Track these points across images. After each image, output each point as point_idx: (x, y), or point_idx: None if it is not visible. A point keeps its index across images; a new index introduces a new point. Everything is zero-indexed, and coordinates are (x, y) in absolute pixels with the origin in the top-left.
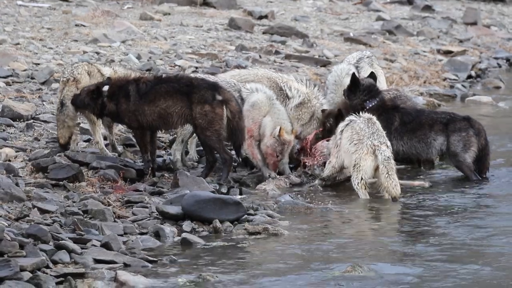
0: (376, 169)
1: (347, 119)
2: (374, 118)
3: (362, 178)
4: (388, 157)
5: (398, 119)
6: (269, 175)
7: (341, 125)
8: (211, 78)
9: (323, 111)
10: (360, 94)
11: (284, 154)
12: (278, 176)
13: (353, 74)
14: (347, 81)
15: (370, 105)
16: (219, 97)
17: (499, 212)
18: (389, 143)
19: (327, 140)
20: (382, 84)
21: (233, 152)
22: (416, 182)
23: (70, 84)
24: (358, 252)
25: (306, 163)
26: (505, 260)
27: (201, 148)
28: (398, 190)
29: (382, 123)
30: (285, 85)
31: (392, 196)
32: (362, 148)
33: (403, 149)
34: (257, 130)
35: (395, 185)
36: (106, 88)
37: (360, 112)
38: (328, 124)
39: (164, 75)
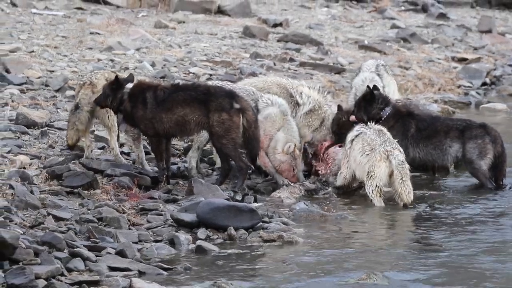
0: (391, 175)
1: (356, 129)
2: (385, 129)
3: (377, 185)
4: (402, 161)
5: (414, 125)
6: (282, 182)
7: (351, 135)
8: (228, 85)
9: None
10: (376, 104)
11: (299, 167)
12: (292, 184)
13: (368, 86)
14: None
15: (387, 114)
16: (236, 105)
17: None
18: (401, 149)
19: (340, 146)
20: (394, 93)
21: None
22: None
23: (86, 87)
24: (372, 260)
25: (319, 171)
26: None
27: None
28: (411, 197)
29: (398, 130)
30: (295, 91)
31: (404, 202)
32: (375, 155)
33: (419, 156)
34: (267, 142)
35: (408, 192)
36: (129, 85)
37: (369, 123)
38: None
39: (181, 83)
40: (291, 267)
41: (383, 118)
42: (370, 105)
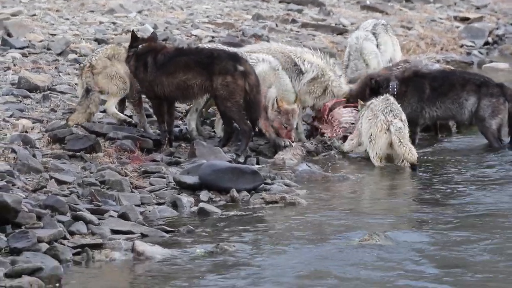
0: (391, 143)
1: (369, 102)
2: (392, 97)
3: (377, 153)
4: (400, 127)
5: (427, 85)
6: (284, 144)
7: (362, 110)
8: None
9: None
10: (381, 89)
11: (291, 123)
12: (294, 144)
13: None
14: (366, 45)
15: (395, 88)
16: (240, 68)
17: None
18: (404, 117)
19: (344, 107)
20: (397, 53)
21: None
22: None
23: (86, 70)
24: (375, 220)
25: (325, 134)
26: None
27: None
28: (414, 155)
29: (413, 94)
30: (299, 59)
31: (410, 162)
32: (376, 124)
33: (438, 114)
34: (263, 100)
35: (409, 150)
36: (140, 46)
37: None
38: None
39: (184, 47)
40: (293, 228)
41: (395, 94)
42: (376, 92)
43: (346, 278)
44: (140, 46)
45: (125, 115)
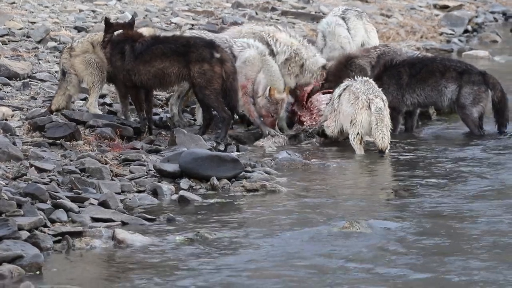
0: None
1: (344, 84)
2: (371, 80)
3: (358, 133)
4: (380, 108)
5: (405, 73)
6: (268, 133)
7: (338, 90)
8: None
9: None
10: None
11: (278, 112)
12: (278, 134)
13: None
14: (338, 30)
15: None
16: (217, 55)
17: (497, 167)
18: (384, 97)
19: (323, 93)
20: (373, 40)
21: None
22: None
23: (65, 51)
24: (355, 208)
25: (304, 122)
26: (493, 215)
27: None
28: (385, 143)
29: (390, 82)
30: (271, 39)
31: (379, 148)
32: (357, 103)
33: (419, 101)
34: (251, 86)
35: (382, 137)
36: (117, 33)
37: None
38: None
39: (161, 35)
40: (274, 216)
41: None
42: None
43: (326, 266)
44: (115, 33)
45: (104, 102)
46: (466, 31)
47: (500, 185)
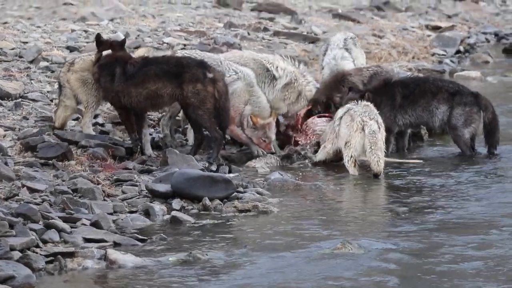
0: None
1: (346, 106)
2: (371, 104)
3: (352, 156)
4: (373, 131)
5: (399, 93)
6: (257, 153)
7: (340, 112)
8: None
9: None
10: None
11: (268, 136)
12: (268, 154)
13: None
14: (345, 64)
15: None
16: (210, 75)
17: (490, 189)
18: (381, 121)
19: (318, 117)
20: (363, 64)
21: None
22: (411, 161)
23: (65, 65)
24: (347, 229)
25: (299, 142)
26: (487, 237)
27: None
28: (380, 167)
29: (385, 103)
30: (271, 65)
31: (374, 172)
32: (352, 126)
33: (411, 121)
34: (238, 117)
35: (377, 161)
36: (105, 53)
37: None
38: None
39: (151, 57)
40: (266, 237)
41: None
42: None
43: (319, 287)
44: (104, 53)
45: (97, 122)
46: (458, 51)
47: (492, 208)
